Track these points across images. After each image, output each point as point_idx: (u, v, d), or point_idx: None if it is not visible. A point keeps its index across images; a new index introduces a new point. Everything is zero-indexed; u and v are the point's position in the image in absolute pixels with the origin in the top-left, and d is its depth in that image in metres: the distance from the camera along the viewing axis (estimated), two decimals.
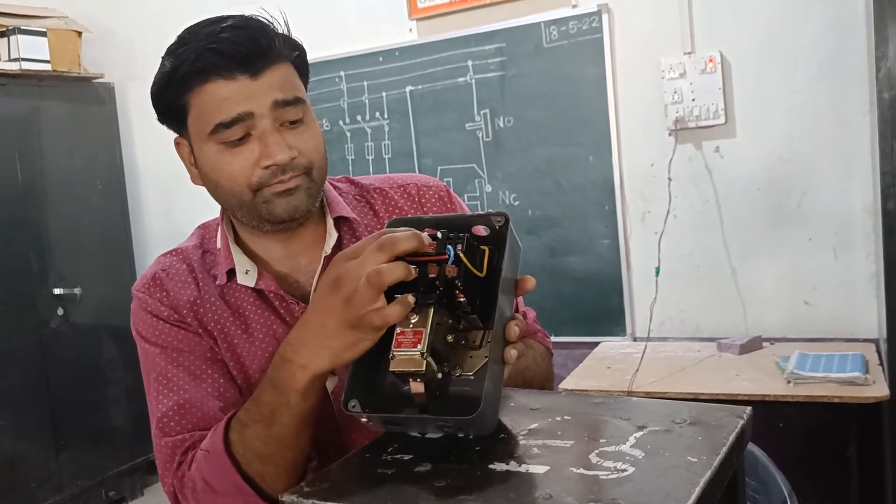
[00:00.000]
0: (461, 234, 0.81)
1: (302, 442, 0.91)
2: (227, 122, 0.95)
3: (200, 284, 1.08)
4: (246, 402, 0.93)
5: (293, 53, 1.01)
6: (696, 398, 2.30)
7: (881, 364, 2.46)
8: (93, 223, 3.78)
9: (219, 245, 1.10)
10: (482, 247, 0.83)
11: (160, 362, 1.04)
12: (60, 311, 3.58)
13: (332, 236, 1.08)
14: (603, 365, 2.80)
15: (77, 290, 3.61)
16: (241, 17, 0.98)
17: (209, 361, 1.04)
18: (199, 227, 1.15)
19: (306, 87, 1.05)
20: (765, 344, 2.79)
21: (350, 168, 3.45)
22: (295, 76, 1.01)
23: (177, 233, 1.52)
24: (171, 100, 0.98)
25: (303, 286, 1.08)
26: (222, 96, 0.95)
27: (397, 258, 0.78)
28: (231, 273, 1.07)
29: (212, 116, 0.96)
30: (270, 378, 0.88)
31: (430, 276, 0.79)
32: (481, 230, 0.84)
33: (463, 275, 0.79)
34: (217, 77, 0.94)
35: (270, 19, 1.00)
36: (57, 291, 3.55)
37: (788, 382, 2.35)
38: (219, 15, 0.99)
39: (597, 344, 3.06)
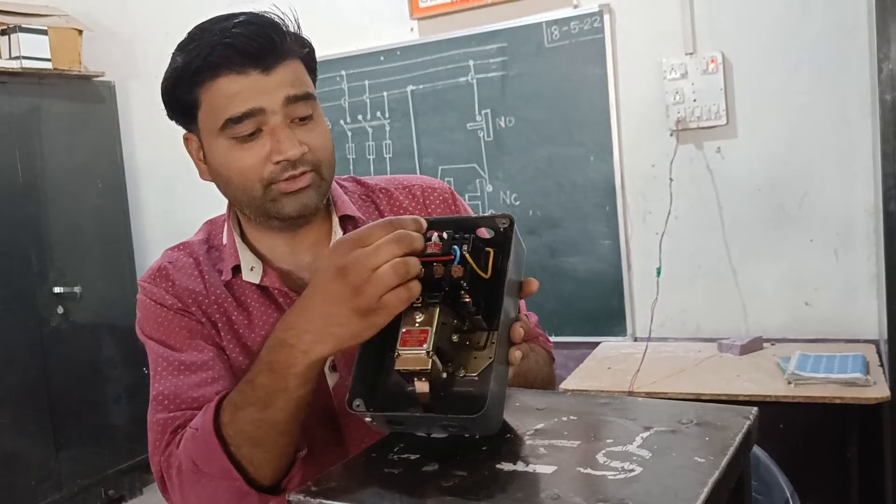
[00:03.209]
0: (467, 235, 0.81)
1: (294, 428, 0.90)
2: (237, 116, 0.96)
3: (206, 278, 1.09)
4: (238, 383, 0.91)
5: (303, 50, 1.02)
6: (697, 398, 2.30)
7: (882, 365, 2.47)
8: (93, 222, 3.78)
9: (225, 241, 1.10)
10: (487, 249, 0.83)
11: (162, 351, 1.04)
12: (60, 310, 3.57)
13: (338, 234, 1.08)
14: (604, 365, 2.80)
15: (77, 289, 3.61)
16: (253, 13, 0.98)
17: (209, 349, 1.04)
18: (206, 222, 1.16)
19: (315, 84, 1.05)
20: (765, 344, 2.79)
21: (351, 167, 3.45)
22: (304, 73, 1.02)
23: (177, 231, 1.52)
24: (181, 95, 0.99)
25: (306, 283, 1.08)
26: (233, 91, 0.95)
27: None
28: (236, 269, 1.08)
29: (222, 112, 0.96)
30: (267, 362, 0.86)
31: (435, 276, 0.79)
32: (486, 232, 0.84)
33: (468, 276, 0.79)
34: (229, 72, 0.95)
35: (282, 16, 1.00)
36: (57, 290, 3.55)
37: (789, 383, 2.35)
38: (228, 12, 0.99)
39: (597, 344, 3.06)
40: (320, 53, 1.09)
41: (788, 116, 2.79)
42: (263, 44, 0.95)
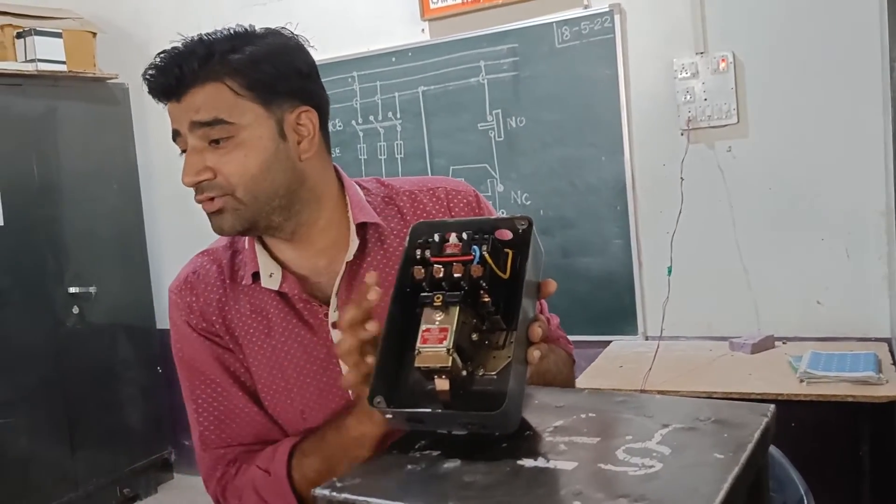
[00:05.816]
0: (486, 236, 0.83)
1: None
2: (172, 136, 1.05)
3: (227, 285, 1.12)
4: (309, 435, 1.05)
5: (229, 71, 1.00)
6: (709, 397, 2.30)
7: (894, 363, 2.47)
8: (108, 222, 3.81)
9: (247, 245, 1.12)
10: (506, 250, 0.84)
11: (196, 382, 1.12)
12: (76, 310, 3.60)
13: (354, 243, 1.09)
14: (615, 364, 2.80)
15: (92, 289, 3.63)
16: (180, 42, 1.02)
17: (234, 377, 1.11)
18: None
19: (270, 99, 1.02)
20: (777, 343, 2.79)
21: (363, 168, 3.46)
22: (226, 95, 1.00)
23: (191, 232, 1.53)
24: None
25: (324, 288, 1.10)
26: (169, 113, 1.04)
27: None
28: (256, 275, 1.09)
29: None
30: (338, 422, 1.00)
31: (455, 275, 0.81)
32: (505, 234, 0.86)
33: (487, 276, 0.81)
34: (159, 101, 1.04)
35: (205, 38, 1.02)
36: (72, 290, 3.58)
37: (801, 381, 2.35)
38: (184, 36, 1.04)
39: (609, 343, 3.06)
40: (332, 55, 1.11)
41: (799, 116, 2.79)
42: (166, 81, 1.00)
